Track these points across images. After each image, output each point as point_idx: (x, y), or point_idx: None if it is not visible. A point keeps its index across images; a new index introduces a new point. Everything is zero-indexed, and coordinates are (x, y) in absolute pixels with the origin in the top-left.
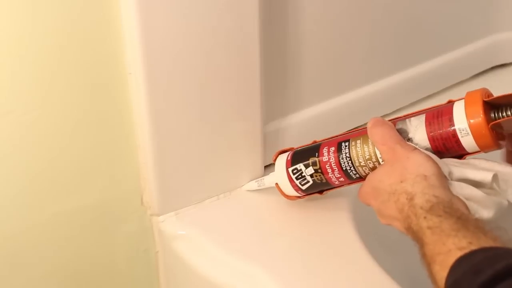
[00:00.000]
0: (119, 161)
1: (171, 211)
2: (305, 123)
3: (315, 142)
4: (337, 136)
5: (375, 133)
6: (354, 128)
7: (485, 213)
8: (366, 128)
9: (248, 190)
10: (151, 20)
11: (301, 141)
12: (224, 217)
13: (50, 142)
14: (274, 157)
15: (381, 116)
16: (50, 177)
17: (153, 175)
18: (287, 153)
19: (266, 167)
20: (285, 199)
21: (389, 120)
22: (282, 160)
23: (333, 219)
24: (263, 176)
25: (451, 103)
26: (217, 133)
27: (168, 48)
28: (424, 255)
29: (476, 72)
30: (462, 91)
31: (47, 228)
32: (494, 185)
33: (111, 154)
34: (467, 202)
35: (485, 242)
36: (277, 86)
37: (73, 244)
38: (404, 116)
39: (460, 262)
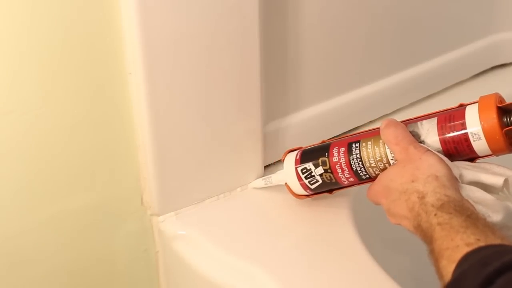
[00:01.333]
0: (119, 161)
1: (171, 211)
2: (305, 123)
3: (323, 142)
4: (346, 136)
5: (388, 133)
6: (359, 129)
7: (494, 217)
8: (376, 129)
9: (255, 188)
10: (151, 20)
11: (301, 141)
12: (224, 217)
13: (50, 142)
14: (283, 156)
15: (381, 116)
16: (50, 177)
17: (153, 175)
18: (296, 152)
19: (266, 167)
20: (283, 199)
21: (401, 122)
22: (291, 158)
23: (333, 219)
24: (263, 175)
25: (462, 107)
26: (217, 133)
27: (168, 48)
28: (432, 251)
29: (476, 72)
30: (462, 91)
31: (47, 228)
32: (505, 189)
33: (111, 154)
34: (475, 206)
35: (493, 240)
36: (277, 86)
37: (73, 244)
38: (415, 118)
39: (467, 257)
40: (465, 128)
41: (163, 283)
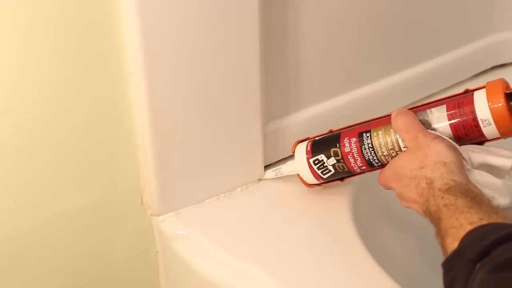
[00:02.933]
0: (119, 161)
1: (171, 211)
2: (305, 123)
3: (331, 131)
4: (355, 125)
5: (398, 121)
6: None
7: (501, 201)
8: (384, 118)
9: (265, 179)
10: (151, 20)
11: None
12: (224, 217)
13: (50, 142)
14: (293, 148)
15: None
16: (50, 177)
17: (153, 175)
18: (306, 143)
19: (266, 167)
20: (282, 198)
21: (409, 109)
22: (301, 150)
23: (333, 218)
24: (263, 175)
25: (469, 93)
26: (217, 133)
27: (168, 48)
28: (439, 231)
29: (476, 72)
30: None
31: (47, 229)
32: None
33: (111, 154)
34: (483, 189)
35: (495, 220)
36: (277, 86)
37: (73, 244)
38: (423, 106)
39: (469, 234)
40: (475, 115)
41: (163, 283)
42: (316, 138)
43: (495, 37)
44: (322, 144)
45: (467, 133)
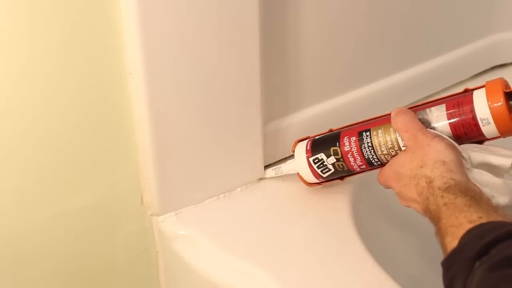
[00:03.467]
0: (119, 161)
1: (171, 211)
2: (305, 123)
3: (331, 130)
4: (354, 124)
5: (398, 121)
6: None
7: (501, 200)
8: (384, 117)
9: (265, 178)
10: (151, 20)
11: None
12: (224, 217)
13: (50, 142)
14: (293, 147)
15: None
16: (50, 177)
17: (153, 175)
18: (306, 142)
19: (266, 167)
20: (282, 198)
21: (408, 108)
22: (301, 149)
23: (333, 217)
24: (263, 175)
25: (469, 92)
26: (217, 133)
27: (168, 48)
28: (439, 230)
29: (476, 72)
30: None
31: (47, 229)
32: (511, 171)
33: (111, 154)
34: (482, 188)
35: (495, 218)
36: (277, 86)
37: (74, 244)
38: (423, 105)
39: (469, 232)
40: (474, 114)
41: (163, 283)
42: (316, 137)
43: (495, 37)
44: (322, 143)
45: (467, 132)
